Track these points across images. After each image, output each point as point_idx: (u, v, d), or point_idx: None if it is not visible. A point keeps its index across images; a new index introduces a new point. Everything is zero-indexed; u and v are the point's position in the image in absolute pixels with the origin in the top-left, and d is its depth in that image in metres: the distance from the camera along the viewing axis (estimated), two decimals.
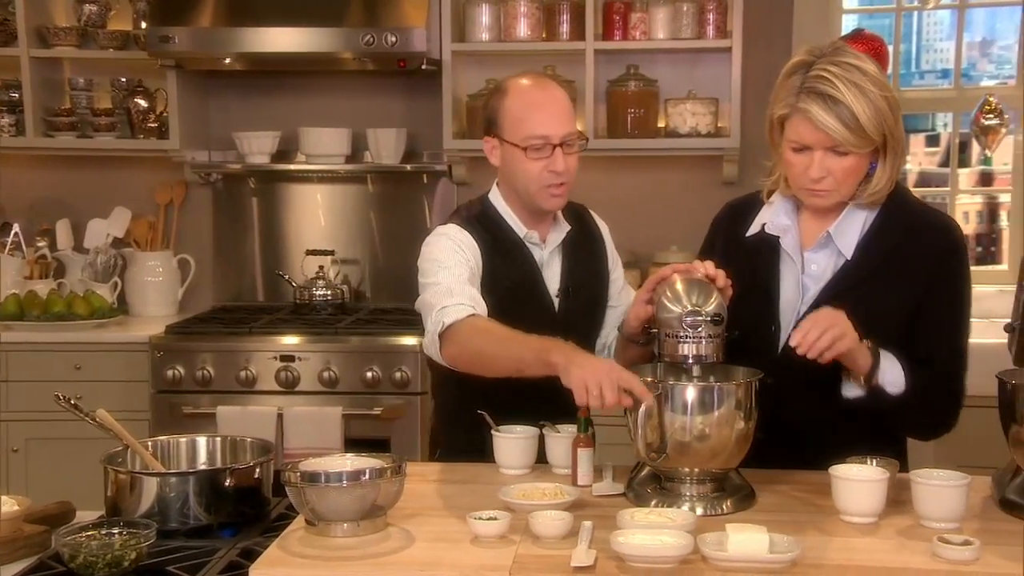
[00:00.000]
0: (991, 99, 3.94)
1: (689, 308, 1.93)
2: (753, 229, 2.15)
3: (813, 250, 2.11)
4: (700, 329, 1.92)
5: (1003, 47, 4.87)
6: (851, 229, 2.08)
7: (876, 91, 1.96)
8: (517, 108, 2.23)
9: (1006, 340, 2.17)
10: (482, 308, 2.12)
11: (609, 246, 2.45)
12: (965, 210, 4.73)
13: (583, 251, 2.38)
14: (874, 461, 1.94)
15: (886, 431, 2.12)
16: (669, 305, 1.96)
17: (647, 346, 2.12)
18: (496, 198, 2.33)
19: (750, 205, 2.21)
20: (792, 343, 1.89)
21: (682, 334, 1.93)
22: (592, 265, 2.39)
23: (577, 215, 2.41)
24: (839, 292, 2.05)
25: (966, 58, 4.31)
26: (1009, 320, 2.17)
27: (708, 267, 2.00)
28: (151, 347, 3.69)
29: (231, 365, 3.65)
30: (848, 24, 4.14)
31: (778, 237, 2.12)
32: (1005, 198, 4.41)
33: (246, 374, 3.63)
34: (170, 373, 3.65)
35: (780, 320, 2.10)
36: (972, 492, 1.86)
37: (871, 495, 1.84)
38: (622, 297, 2.44)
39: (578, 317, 2.34)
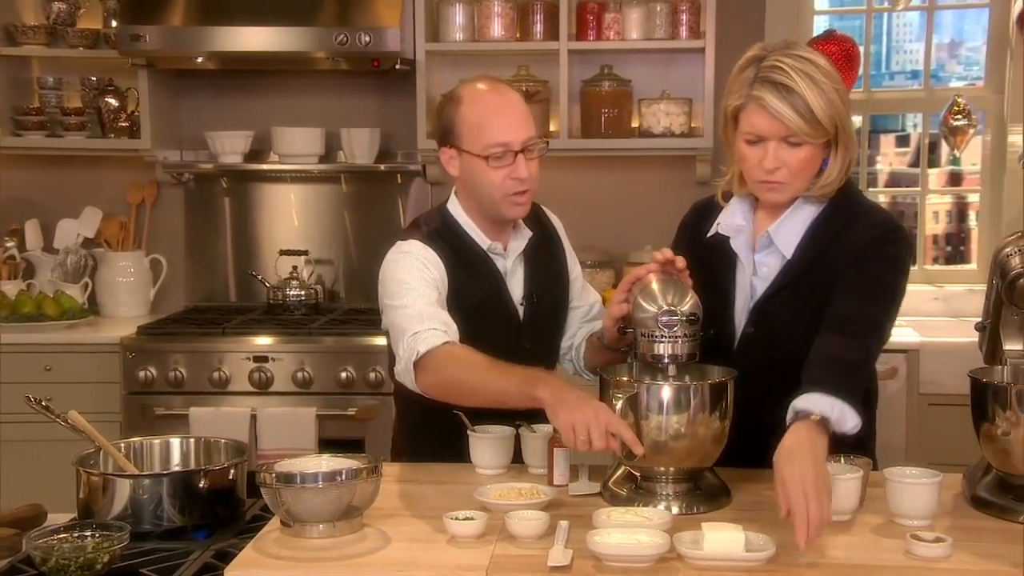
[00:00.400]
0: (959, 100, 3.98)
1: (665, 308, 1.93)
2: (712, 230, 2.16)
3: (762, 252, 2.11)
4: (676, 328, 1.92)
5: (971, 48, 4.93)
6: (792, 228, 2.08)
7: (828, 83, 1.98)
8: (474, 116, 2.17)
9: (976, 339, 2.20)
10: (454, 332, 2.08)
11: (566, 244, 2.43)
12: (935, 210, 4.79)
13: (544, 255, 2.36)
14: (847, 459, 1.95)
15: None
16: (645, 305, 1.96)
17: (625, 354, 2.12)
18: (456, 209, 2.28)
19: (713, 206, 2.21)
20: (802, 547, 1.72)
21: (658, 333, 1.93)
22: (553, 268, 2.37)
23: (535, 217, 2.37)
24: (778, 291, 2.07)
25: (935, 59, 4.35)
26: (979, 319, 2.20)
27: (665, 252, 2.00)
28: (123, 348, 3.66)
29: (204, 366, 3.63)
30: (820, 25, 4.17)
31: (728, 239, 2.13)
32: (974, 198, 4.45)
33: (219, 375, 3.61)
34: (142, 374, 3.63)
35: (735, 319, 2.12)
36: (943, 489, 1.87)
37: (845, 493, 1.85)
38: (583, 296, 2.43)
39: (542, 323, 2.33)
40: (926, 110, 4.25)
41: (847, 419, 1.83)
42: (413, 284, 2.13)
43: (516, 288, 2.30)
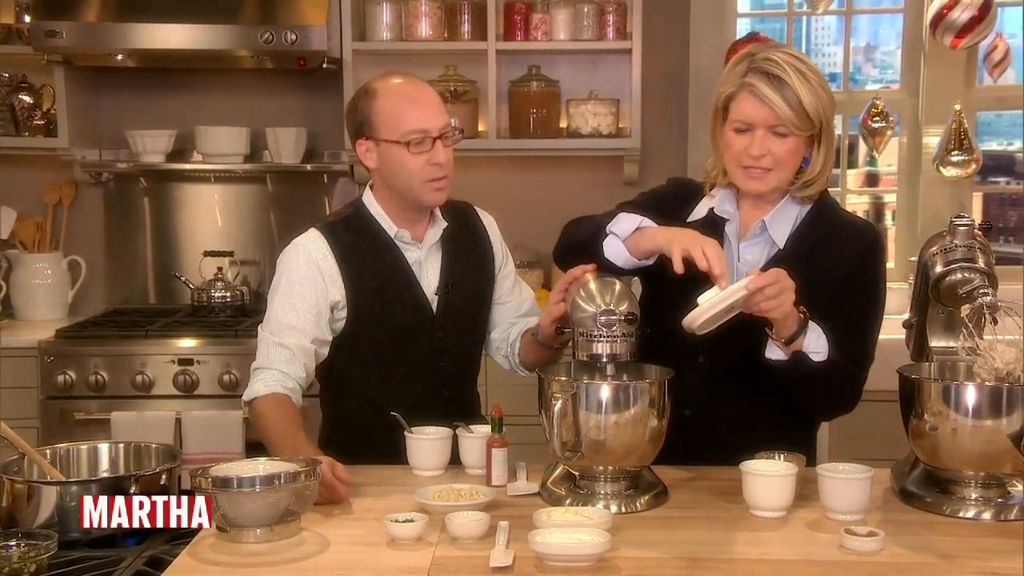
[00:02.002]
0: (878, 102, 4.07)
1: (603, 307, 1.94)
2: (698, 214, 2.17)
3: (748, 241, 2.14)
4: (614, 328, 1.93)
5: (886, 52, 5.05)
6: (784, 221, 2.13)
7: (817, 80, 2.04)
8: (392, 105, 2.22)
9: (896, 336, 2.24)
10: (301, 354, 2.20)
11: (496, 242, 2.45)
12: (853, 209, 4.88)
13: (464, 247, 2.38)
14: (782, 456, 1.98)
15: (803, 419, 2.18)
16: (583, 305, 1.96)
17: (561, 350, 2.12)
18: (369, 200, 2.32)
19: (696, 190, 2.22)
20: (750, 287, 1.88)
21: (596, 333, 1.94)
22: (474, 261, 2.39)
23: (459, 212, 2.40)
24: None
25: (851, 62, 4.45)
26: (897, 317, 2.25)
27: (713, 261, 1.93)
28: (40, 352, 3.57)
29: (126, 369, 3.56)
30: (742, 27, 4.23)
31: (725, 221, 2.15)
32: (890, 198, 4.56)
33: (142, 378, 3.54)
34: (61, 378, 3.54)
35: None
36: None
37: (780, 490, 1.88)
38: (515, 293, 2.45)
39: (458, 315, 2.34)
40: (845, 112, 4.33)
41: (819, 345, 1.98)
42: (288, 288, 2.24)
43: (430, 278, 2.32)
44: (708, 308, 1.87)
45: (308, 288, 2.23)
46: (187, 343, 3.61)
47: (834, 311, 2.03)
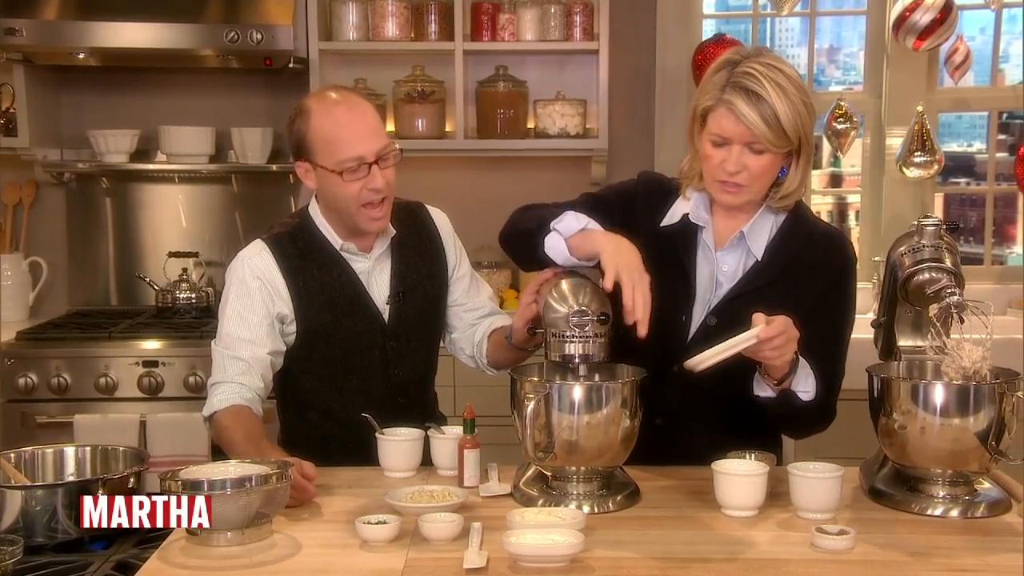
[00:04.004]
0: (842, 104, 4.11)
1: (576, 308, 1.93)
2: (672, 218, 2.15)
3: (725, 250, 2.13)
4: (587, 328, 1.92)
5: (848, 54, 5.09)
6: (762, 231, 2.12)
7: (797, 94, 2.00)
8: (325, 131, 2.16)
9: (865, 335, 2.26)
10: (258, 366, 2.17)
11: (448, 242, 2.41)
12: (817, 210, 4.92)
13: (415, 252, 2.35)
14: (752, 455, 1.99)
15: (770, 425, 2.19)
16: (556, 305, 1.96)
17: (530, 352, 2.11)
18: (315, 211, 2.29)
19: (670, 190, 2.19)
20: (761, 336, 1.88)
21: (569, 333, 1.93)
22: (426, 266, 2.36)
23: (409, 214, 2.37)
24: (748, 291, 2.08)
25: (815, 64, 4.48)
26: (864, 316, 2.26)
27: (638, 308, 1.89)
28: (1, 354, 3.51)
29: (89, 372, 3.51)
30: (708, 29, 4.25)
31: (701, 228, 2.13)
32: (853, 198, 4.60)
33: (105, 381, 3.50)
34: (22, 381, 3.50)
35: (692, 312, 2.12)
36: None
37: (752, 489, 1.88)
38: (471, 295, 2.42)
39: (411, 323, 2.32)
40: None
41: (808, 384, 2.00)
42: (233, 301, 2.22)
43: (381, 288, 2.30)
44: (716, 353, 1.89)
45: (257, 300, 2.21)
46: (151, 345, 3.57)
47: (810, 330, 2.00)
